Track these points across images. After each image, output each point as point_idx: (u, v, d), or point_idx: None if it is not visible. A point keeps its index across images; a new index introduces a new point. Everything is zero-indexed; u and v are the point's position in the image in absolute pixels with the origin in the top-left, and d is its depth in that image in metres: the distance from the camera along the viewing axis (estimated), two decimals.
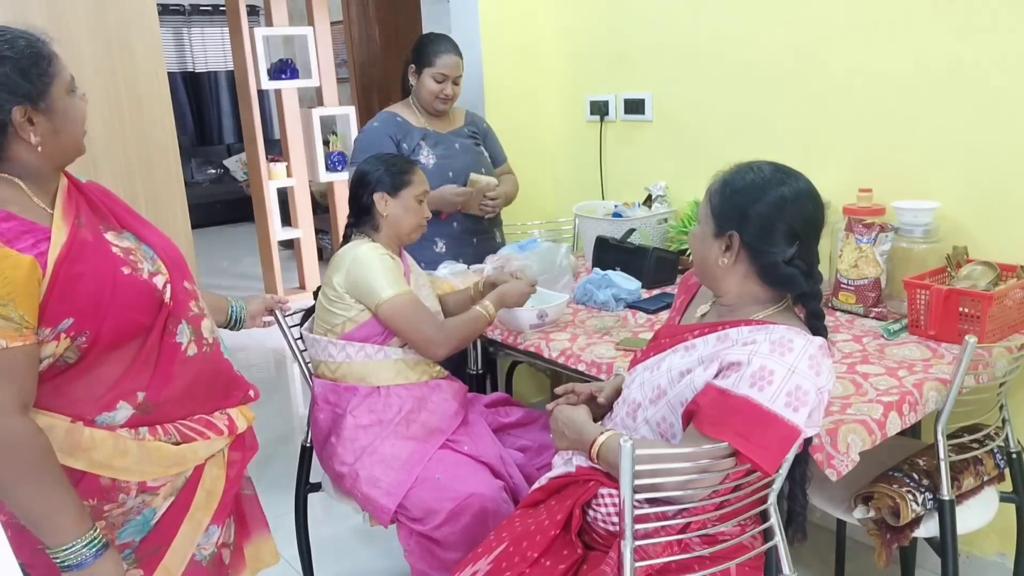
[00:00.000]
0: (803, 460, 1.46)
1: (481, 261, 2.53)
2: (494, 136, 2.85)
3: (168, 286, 1.37)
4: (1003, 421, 1.86)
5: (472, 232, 2.67)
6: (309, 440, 2.12)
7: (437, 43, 2.58)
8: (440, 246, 2.58)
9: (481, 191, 2.57)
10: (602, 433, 1.44)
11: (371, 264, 1.93)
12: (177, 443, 1.37)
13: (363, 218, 2.05)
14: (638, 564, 1.35)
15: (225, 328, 1.87)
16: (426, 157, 2.56)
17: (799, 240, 1.37)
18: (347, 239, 2.08)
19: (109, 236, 1.34)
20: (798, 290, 1.40)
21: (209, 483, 1.44)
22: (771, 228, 1.36)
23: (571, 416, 1.53)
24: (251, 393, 1.55)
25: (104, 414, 1.31)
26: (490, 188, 2.59)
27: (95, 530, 1.27)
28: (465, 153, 2.66)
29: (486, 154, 2.75)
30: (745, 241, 1.38)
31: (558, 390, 1.70)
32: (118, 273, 1.30)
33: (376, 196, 2.01)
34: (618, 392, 1.65)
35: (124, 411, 1.32)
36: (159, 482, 1.37)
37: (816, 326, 1.39)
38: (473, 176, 2.59)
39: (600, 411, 1.65)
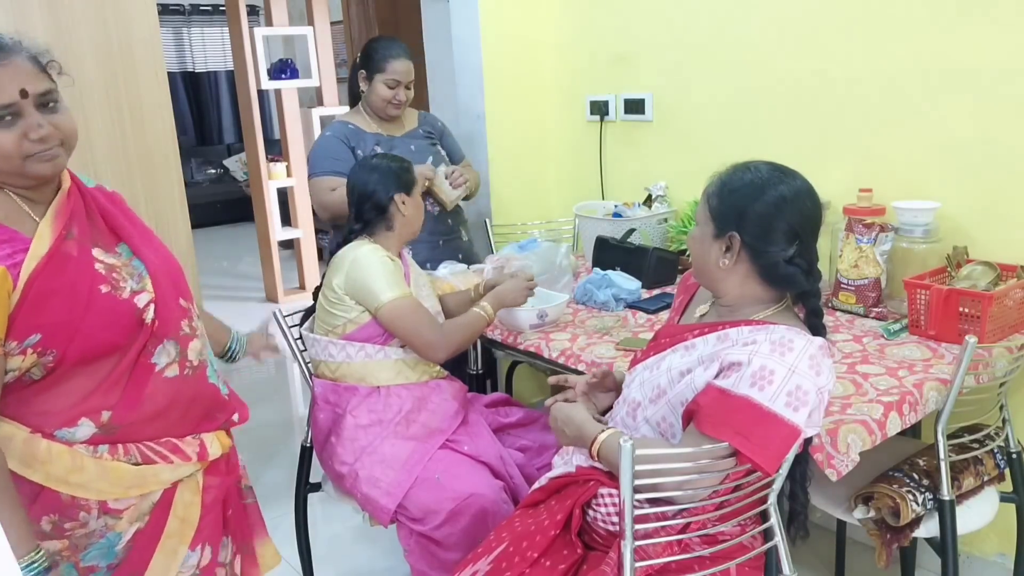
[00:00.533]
0: (803, 459, 1.46)
1: (472, 265, 2.52)
2: (451, 135, 2.82)
3: (152, 305, 1.33)
4: (1003, 421, 1.86)
5: (439, 234, 2.64)
6: (309, 440, 2.12)
7: (388, 48, 2.54)
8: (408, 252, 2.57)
9: (440, 179, 2.52)
10: (603, 431, 1.44)
11: (371, 266, 1.93)
12: (137, 464, 1.32)
13: (376, 220, 2.03)
14: (638, 564, 1.35)
15: (217, 357, 1.82)
16: None
17: (799, 239, 1.37)
18: (347, 241, 2.07)
19: (96, 251, 1.30)
20: (799, 288, 1.40)
21: (182, 510, 1.39)
22: (771, 227, 1.36)
23: (570, 414, 1.52)
24: (234, 417, 1.48)
25: (64, 429, 1.27)
26: (446, 173, 2.54)
27: (38, 552, 1.21)
28: (421, 154, 2.63)
29: (443, 153, 2.72)
30: (745, 241, 1.38)
31: (551, 380, 1.71)
32: (94, 291, 1.26)
33: (396, 197, 2.01)
34: (607, 375, 1.67)
35: (86, 428, 1.28)
36: (121, 504, 1.32)
37: (816, 324, 1.39)
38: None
39: (599, 404, 1.66)
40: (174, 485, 1.38)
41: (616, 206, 2.83)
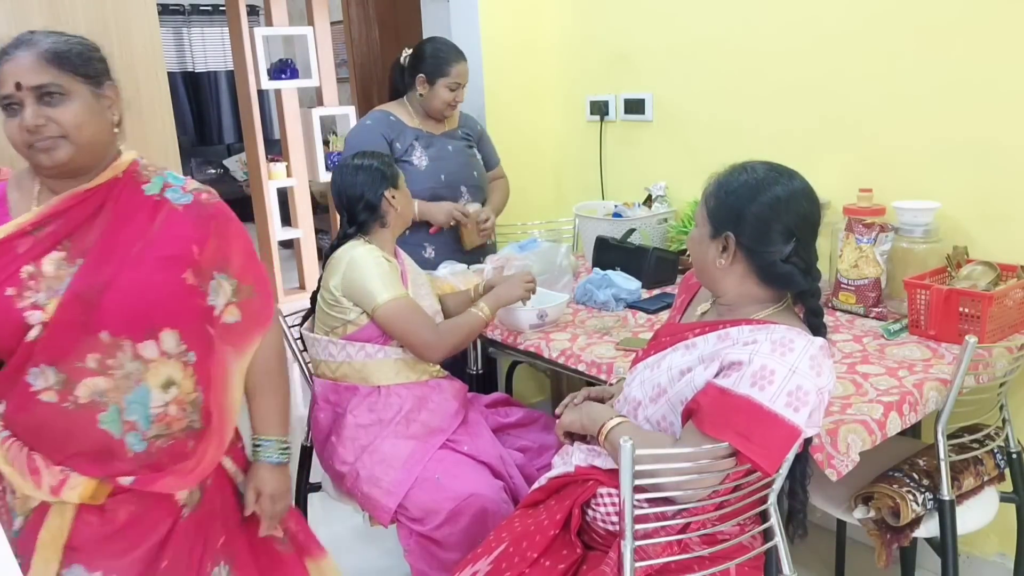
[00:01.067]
0: (803, 458, 1.46)
1: (472, 265, 2.53)
2: (488, 139, 2.83)
3: (41, 327, 1.30)
4: (1003, 421, 1.86)
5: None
6: (309, 440, 2.12)
7: (448, 52, 2.56)
8: (429, 251, 2.57)
9: (473, 221, 2.55)
10: (612, 418, 1.45)
11: (366, 267, 1.93)
12: (7, 462, 1.33)
13: (370, 220, 2.03)
14: (638, 564, 1.35)
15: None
16: (418, 159, 2.55)
17: (796, 238, 1.37)
18: (341, 243, 2.06)
19: (50, 256, 1.31)
20: (796, 288, 1.40)
21: (55, 529, 1.35)
22: (767, 228, 1.36)
23: (590, 403, 1.60)
24: (124, 480, 1.35)
25: (2, 400, 1.35)
26: (478, 216, 2.56)
27: None
28: (458, 155, 2.64)
29: (479, 156, 2.73)
30: (741, 241, 1.38)
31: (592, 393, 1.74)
32: None
33: (386, 194, 2.02)
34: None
35: (2, 407, 1.34)
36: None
37: (816, 324, 1.39)
38: None
39: None
40: (46, 504, 1.35)
41: (616, 206, 2.83)
